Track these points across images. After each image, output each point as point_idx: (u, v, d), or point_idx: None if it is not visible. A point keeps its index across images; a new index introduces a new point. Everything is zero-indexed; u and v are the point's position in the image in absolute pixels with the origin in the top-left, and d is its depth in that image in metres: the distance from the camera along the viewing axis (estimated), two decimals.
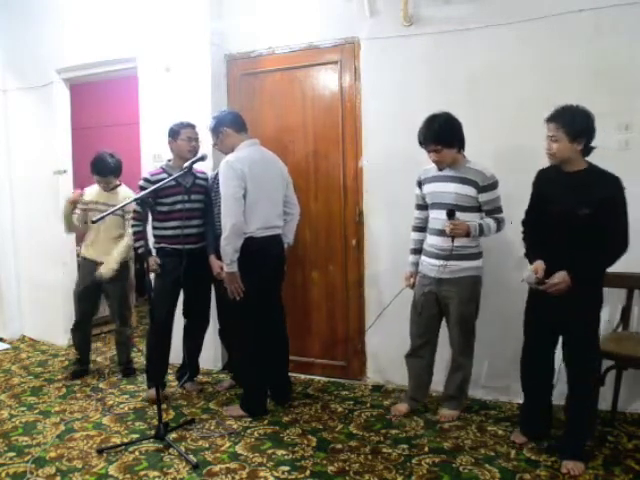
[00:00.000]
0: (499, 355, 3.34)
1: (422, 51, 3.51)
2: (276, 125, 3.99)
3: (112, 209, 3.22)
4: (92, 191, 4.03)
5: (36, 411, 3.46)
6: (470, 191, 3.01)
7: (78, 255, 4.28)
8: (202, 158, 3.35)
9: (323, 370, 3.97)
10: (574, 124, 2.50)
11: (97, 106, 6.59)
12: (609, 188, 2.50)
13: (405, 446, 2.90)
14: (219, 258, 3.29)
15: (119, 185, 4.04)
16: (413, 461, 2.74)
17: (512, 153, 3.20)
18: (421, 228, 3.28)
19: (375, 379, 3.82)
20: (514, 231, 2.99)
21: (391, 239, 3.67)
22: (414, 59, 3.54)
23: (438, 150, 3.00)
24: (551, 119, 2.55)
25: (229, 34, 4.06)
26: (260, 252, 3.21)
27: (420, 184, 3.22)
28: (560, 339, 2.73)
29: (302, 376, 3.96)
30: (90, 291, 4.00)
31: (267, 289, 3.32)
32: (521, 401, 3.01)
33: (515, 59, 3.30)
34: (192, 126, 3.56)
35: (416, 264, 3.30)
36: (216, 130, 3.34)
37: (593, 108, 3.12)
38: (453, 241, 3.00)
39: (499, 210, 3.03)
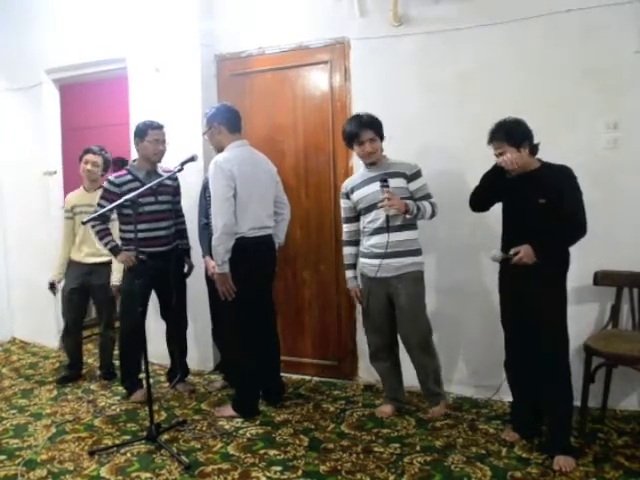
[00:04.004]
0: (489, 354, 3.34)
1: (412, 51, 3.52)
2: (266, 125, 3.99)
3: (106, 207, 3.18)
4: (74, 195, 4.02)
5: (27, 413, 3.45)
6: (401, 182, 3.11)
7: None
8: (192, 159, 3.28)
9: (315, 370, 3.97)
10: (512, 135, 2.64)
11: (87, 107, 6.55)
12: (561, 177, 2.64)
13: (397, 445, 2.91)
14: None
15: (101, 187, 3.89)
16: (405, 460, 2.75)
17: None
18: (354, 242, 3.31)
19: (366, 379, 3.82)
20: None
21: None
22: (404, 59, 3.54)
23: (373, 139, 3.11)
24: (491, 139, 2.70)
25: (219, 34, 4.06)
26: (251, 252, 3.20)
27: (347, 195, 3.27)
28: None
29: (294, 376, 3.95)
30: (78, 294, 3.97)
31: (258, 289, 3.31)
32: (512, 399, 3.03)
33: (504, 59, 3.32)
34: (160, 127, 3.48)
35: (356, 278, 3.32)
36: (209, 122, 3.33)
37: (581, 107, 3.17)
38: (388, 221, 3.06)
39: (430, 196, 3.17)
